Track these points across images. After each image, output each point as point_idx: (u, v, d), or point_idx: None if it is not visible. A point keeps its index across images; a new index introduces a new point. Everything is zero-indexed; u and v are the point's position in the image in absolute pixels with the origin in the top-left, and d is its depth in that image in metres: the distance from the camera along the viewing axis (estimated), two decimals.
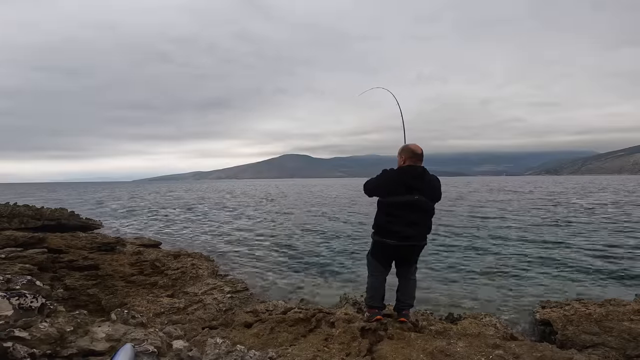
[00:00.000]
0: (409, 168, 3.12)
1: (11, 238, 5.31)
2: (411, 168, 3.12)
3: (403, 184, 3.07)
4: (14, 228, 8.57)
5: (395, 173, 3.14)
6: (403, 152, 3.20)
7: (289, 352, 2.67)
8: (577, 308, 4.28)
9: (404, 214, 3.10)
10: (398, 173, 3.13)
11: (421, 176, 3.12)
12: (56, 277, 4.82)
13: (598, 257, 8.10)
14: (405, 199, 3.07)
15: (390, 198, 3.11)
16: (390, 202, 3.12)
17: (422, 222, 3.19)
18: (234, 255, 9.10)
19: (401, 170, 3.14)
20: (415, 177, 3.10)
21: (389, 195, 3.12)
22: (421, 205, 3.13)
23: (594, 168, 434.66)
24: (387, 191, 3.13)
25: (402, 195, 3.07)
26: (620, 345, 3.35)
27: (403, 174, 3.11)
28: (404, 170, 3.12)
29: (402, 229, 3.10)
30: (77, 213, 13.21)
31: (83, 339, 1.69)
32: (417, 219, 3.14)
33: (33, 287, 1.92)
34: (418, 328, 3.26)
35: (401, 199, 3.07)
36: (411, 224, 3.11)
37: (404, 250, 3.24)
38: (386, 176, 3.16)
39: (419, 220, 3.17)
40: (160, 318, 4.06)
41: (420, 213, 3.15)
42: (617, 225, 12.83)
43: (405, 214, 3.10)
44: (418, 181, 3.09)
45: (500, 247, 9.55)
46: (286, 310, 3.81)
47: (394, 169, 3.19)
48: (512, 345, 2.92)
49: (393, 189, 3.09)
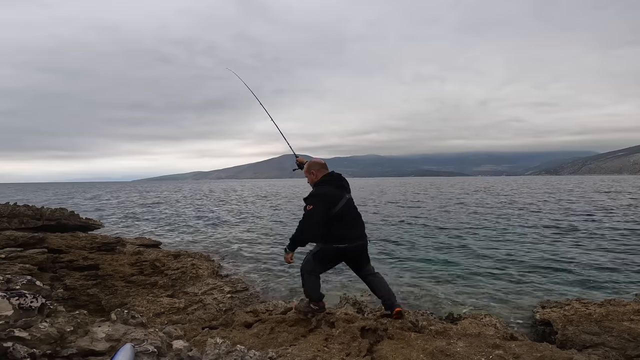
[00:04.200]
0: (331, 175, 3.34)
1: (11, 238, 5.31)
2: (332, 174, 3.35)
3: (338, 189, 3.26)
4: (14, 228, 8.56)
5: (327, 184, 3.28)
6: (312, 167, 3.38)
7: (289, 352, 2.67)
8: (577, 308, 4.28)
9: (349, 217, 3.28)
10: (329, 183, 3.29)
11: (340, 177, 3.37)
12: (56, 277, 4.82)
13: (598, 257, 8.09)
14: (345, 201, 3.25)
15: (337, 207, 3.19)
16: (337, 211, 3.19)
17: (361, 221, 3.40)
18: (234, 255, 9.10)
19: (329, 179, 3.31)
20: (341, 179, 3.34)
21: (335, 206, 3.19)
22: (353, 204, 3.37)
23: (594, 168, 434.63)
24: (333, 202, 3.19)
25: (342, 200, 3.23)
26: (620, 345, 3.35)
27: (333, 181, 3.29)
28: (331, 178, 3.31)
29: (351, 231, 3.27)
30: (77, 213, 13.21)
31: (83, 339, 1.69)
32: (357, 218, 3.36)
33: (33, 287, 1.92)
34: (418, 328, 3.26)
35: (343, 203, 3.22)
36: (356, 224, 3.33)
37: (357, 252, 3.37)
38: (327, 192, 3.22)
39: (359, 219, 3.38)
40: (160, 318, 4.06)
41: (355, 212, 3.37)
42: (617, 225, 12.83)
43: (349, 217, 3.28)
44: (344, 182, 3.35)
45: (500, 247, 9.55)
46: (286, 310, 3.81)
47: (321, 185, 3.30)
48: (512, 345, 2.92)
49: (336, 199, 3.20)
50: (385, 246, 9.91)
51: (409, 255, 8.79)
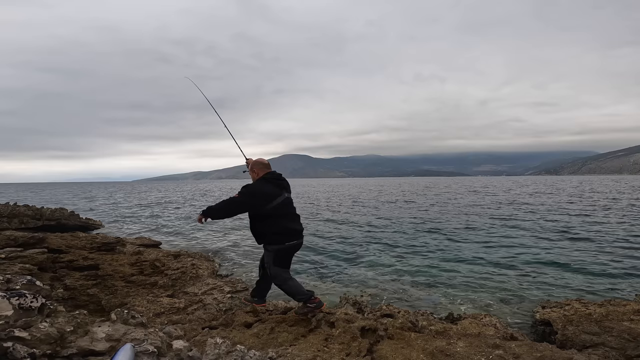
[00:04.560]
0: (272, 174, 3.53)
1: (11, 238, 5.31)
2: (273, 173, 3.54)
3: (277, 187, 3.45)
4: (14, 228, 8.57)
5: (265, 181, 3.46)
6: (255, 167, 3.56)
7: (289, 352, 2.67)
8: (577, 308, 4.28)
9: (291, 215, 3.52)
10: (268, 181, 3.47)
11: (280, 177, 3.57)
12: (56, 277, 4.82)
13: (598, 257, 8.10)
14: (283, 198, 3.45)
15: (274, 203, 3.35)
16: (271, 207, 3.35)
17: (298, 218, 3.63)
18: (234, 255, 9.09)
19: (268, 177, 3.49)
20: (280, 179, 3.55)
21: (271, 202, 3.35)
22: (292, 203, 3.60)
23: (594, 168, 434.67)
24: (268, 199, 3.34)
25: (280, 197, 3.42)
26: (620, 345, 3.35)
27: (272, 179, 3.49)
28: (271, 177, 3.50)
29: (295, 227, 3.51)
30: (76, 213, 13.21)
31: (83, 339, 1.69)
32: (296, 215, 3.60)
33: (33, 287, 1.92)
34: (418, 328, 3.27)
35: (280, 200, 3.42)
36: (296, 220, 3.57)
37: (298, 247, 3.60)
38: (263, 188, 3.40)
39: (297, 216, 3.63)
40: (160, 318, 4.06)
41: (294, 209, 3.61)
42: (617, 225, 12.83)
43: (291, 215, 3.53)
44: (284, 182, 3.56)
45: (500, 247, 9.55)
46: (286, 310, 3.81)
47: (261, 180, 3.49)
48: (512, 345, 2.93)
49: (271, 195, 3.37)
50: (384, 246, 9.92)
51: (408, 255, 8.79)
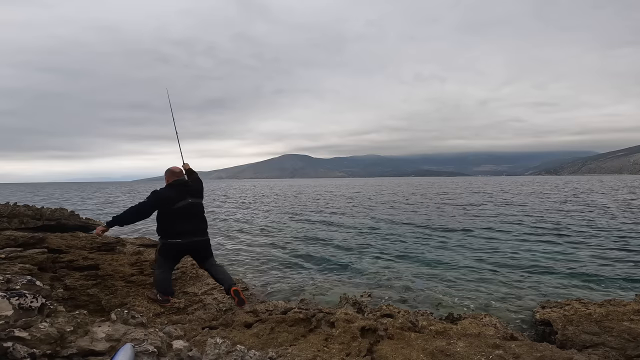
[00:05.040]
0: (177, 181, 4.17)
1: (11, 238, 5.30)
2: (179, 181, 4.18)
3: (178, 193, 4.06)
4: (14, 228, 8.56)
5: (170, 187, 4.13)
6: (166, 174, 4.25)
7: (289, 352, 2.67)
8: (577, 308, 4.28)
9: (186, 217, 4.06)
10: (172, 187, 4.13)
11: (186, 184, 4.21)
12: (56, 277, 4.81)
13: (598, 257, 8.10)
14: (185, 203, 4.04)
15: (175, 206, 3.98)
16: (173, 209, 3.98)
17: (199, 220, 4.23)
18: (234, 255, 9.10)
19: (174, 184, 4.15)
20: (182, 185, 4.17)
21: (171, 205, 3.98)
22: (195, 207, 4.19)
23: (594, 168, 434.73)
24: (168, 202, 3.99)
25: (180, 202, 4.01)
26: (620, 345, 3.35)
27: (177, 186, 4.14)
28: (176, 184, 4.15)
29: (187, 229, 4.04)
30: (76, 213, 13.19)
31: (83, 339, 1.69)
32: (196, 219, 4.18)
33: (33, 287, 1.92)
34: (418, 328, 3.27)
35: (182, 204, 4.01)
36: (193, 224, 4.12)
37: (193, 247, 4.17)
38: (163, 193, 4.05)
39: (197, 220, 4.20)
40: (160, 318, 4.06)
41: (196, 214, 4.20)
42: (617, 225, 12.83)
43: (187, 217, 4.06)
44: (186, 188, 4.17)
45: (500, 247, 9.55)
46: (286, 310, 3.81)
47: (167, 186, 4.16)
48: (512, 345, 2.93)
49: (173, 198, 4.00)
50: (384, 246, 9.92)
51: (408, 255, 8.80)
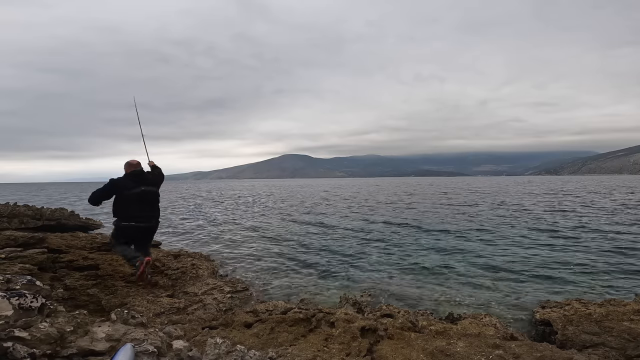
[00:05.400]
0: (132, 172, 4.77)
1: (11, 238, 5.30)
2: (134, 172, 4.77)
3: (132, 181, 4.67)
4: (14, 228, 8.56)
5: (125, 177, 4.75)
6: (124, 166, 4.88)
7: (289, 352, 2.67)
8: (577, 308, 4.28)
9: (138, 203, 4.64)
10: (127, 176, 4.75)
11: (141, 174, 4.83)
12: (56, 277, 4.81)
13: (598, 257, 8.10)
14: (138, 190, 4.64)
15: (126, 192, 4.60)
16: (126, 195, 4.60)
17: (152, 208, 4.86)
18: (234, 255, 9.09)
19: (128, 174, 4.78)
20: (137, 175, 4.77)
21: (125, 191, 4.61)
22: (148, 195, 4.77)
23: (594, 168, 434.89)
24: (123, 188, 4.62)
25: (133, 189, 4.62)
26: (620, 345, 3.35)
27: (131, 175, 4.75)
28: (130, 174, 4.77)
29: (138, 213, 4.64)
30: (76, 213, 13.19)
31: (83, 339, 1.69)
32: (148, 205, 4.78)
33: (33, 287, 1.91)
34: (418, 328, 3.27)
35: (135, 191, 4.62)
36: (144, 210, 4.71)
37: (142, 231, 4.79)
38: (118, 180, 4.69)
39: (149, 207, 4.81)
40: (160, 318, 4.06)
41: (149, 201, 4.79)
42: (617, 225, 12.83)
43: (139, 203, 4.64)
44: (141, 177, 4.78)
45: (500, 247, 9.55)
46: (286, 310, 3.81)
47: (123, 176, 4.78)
48: (512, 345, 2.93)
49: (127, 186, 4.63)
50: (384, 247, 9.92)
51: (408, 255, 8.79)
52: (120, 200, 4.62)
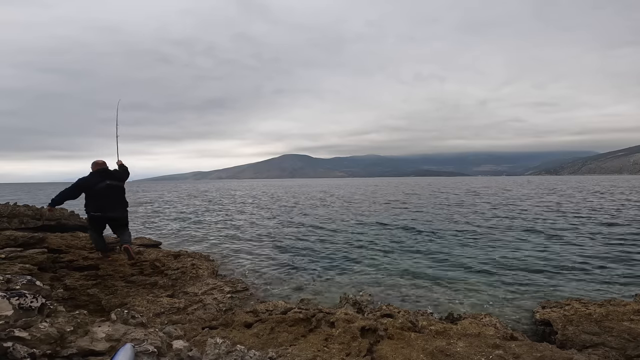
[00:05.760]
0: (97, 170, 5.45)
1: (11, 238, 5.31)
2: (99, 170, 5.45)
3: (98, 178, 5.35)
4: (14, 228, 8.55)
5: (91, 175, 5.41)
6: (92, 165, 5.52)
7: (289, 352, 2.67)
8: (577, 308, 4.28)
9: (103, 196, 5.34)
10: (93, 174, 5.41)
11: (105, 171, 5.50)
12: (56, 277, 4.81)
13: (598, 257, 8.10)
14: (103, 185, 5.33)
15: (95, 188, 5.28)
16: (93, 190, 5.28)
17: (115, 199, 5.54)
18: (234, 255, 9.10)
19: (94, 172, 5.44)
20: (102, 172, 5.44)
21: (91, 187, 5.28)
22: (112, 189, 5.46)
23: (594, 168, 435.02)
24: (91, 185, 5.30)
25: (99, 184, 5.30)
26: (620, 345, 3.35)
27: (96, 173, 5.42)
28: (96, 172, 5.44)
29: (103, 204, 5.36)
30: (76, 213, 13.19)
31: (83, 339, 1.69)
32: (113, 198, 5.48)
33: (33, 287, 1.92)
34: (418, 328, 3.27)
35: (101, 186, 5.31)
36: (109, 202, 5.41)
37: (109, 220, 5.56)
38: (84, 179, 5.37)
39: (114, 199, 5.51)
40: (160, 318, 4.06)
41: (114, 195, 5.49)
42: (616, 225, 12.83)
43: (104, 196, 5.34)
44: (105, 174, 5.46)
45: (500, 247, 9.55)
46: (286, 310, 3.81)
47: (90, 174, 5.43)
48: (512, 345, 2.93)
49: (93, 181, 5.31)
50: (384, 247, 9.92)
51: (408, 255, 8.80)
52: (89, 195, 5.33)
